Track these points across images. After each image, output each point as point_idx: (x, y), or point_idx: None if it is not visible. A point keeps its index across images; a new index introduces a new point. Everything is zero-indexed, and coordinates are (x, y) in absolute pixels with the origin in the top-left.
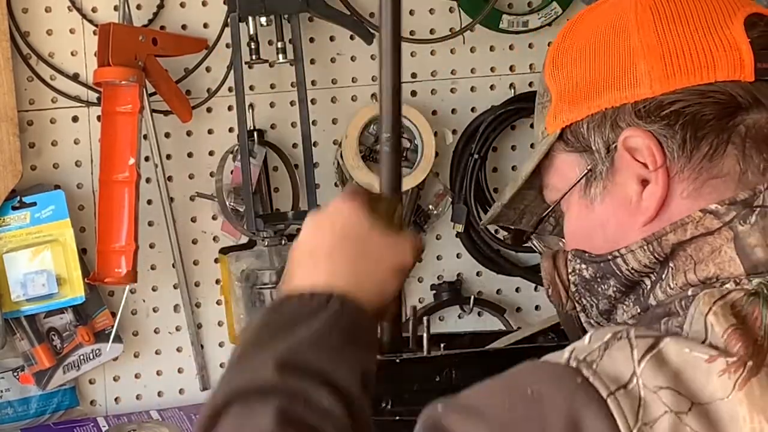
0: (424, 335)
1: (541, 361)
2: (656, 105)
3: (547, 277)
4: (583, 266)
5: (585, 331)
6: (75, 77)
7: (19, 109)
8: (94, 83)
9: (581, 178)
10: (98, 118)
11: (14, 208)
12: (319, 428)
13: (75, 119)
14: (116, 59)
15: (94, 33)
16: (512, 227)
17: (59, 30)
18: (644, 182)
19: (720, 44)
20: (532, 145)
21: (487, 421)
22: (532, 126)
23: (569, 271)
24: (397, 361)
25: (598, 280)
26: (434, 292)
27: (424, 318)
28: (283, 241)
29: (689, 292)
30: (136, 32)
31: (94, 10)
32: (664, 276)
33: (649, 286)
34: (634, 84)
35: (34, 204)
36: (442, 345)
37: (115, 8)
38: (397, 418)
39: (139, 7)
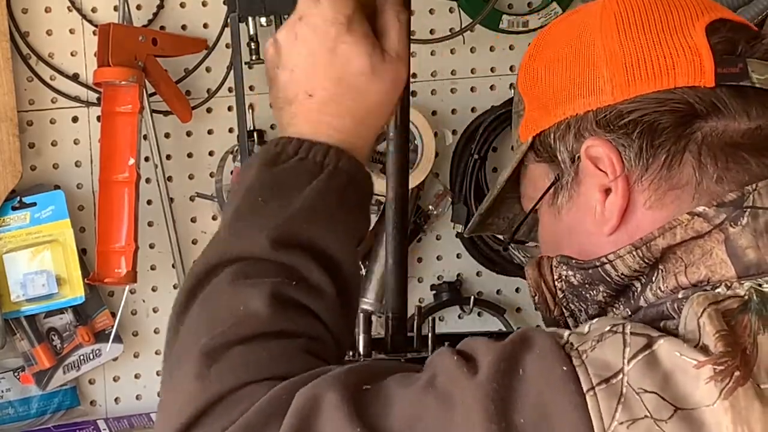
0: (429, 335)
1: (545, 335)
2: (616, 114)
3: (533, 284)
4: (570, 273)
5: None
6: (75, 77)
7: (19, 109)
8: (94, 83)
9: (549, 188)
10: (98, 118)
11: (14, 209)
12: (309, 306)
13: (75, 119)
14: (116, 59)
15: (94, 33)
16: (503, 236)
17: (59, 30)
18: (607, 191)
19: (681, 49)
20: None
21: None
22: None
23: (555, 277)
24: (402, 360)
25: (587, 286)
26: (434, 292)
27: (429, 318)
28: None
29: (680, 295)
30: (135, 32)
31: (93, 10)
32: (654, 278)
33: (639, 289)
34: (596, 91)
35: (34, 204)
36: (446, 345)
37: (115, 8)
38: None
39: (139, 7)
